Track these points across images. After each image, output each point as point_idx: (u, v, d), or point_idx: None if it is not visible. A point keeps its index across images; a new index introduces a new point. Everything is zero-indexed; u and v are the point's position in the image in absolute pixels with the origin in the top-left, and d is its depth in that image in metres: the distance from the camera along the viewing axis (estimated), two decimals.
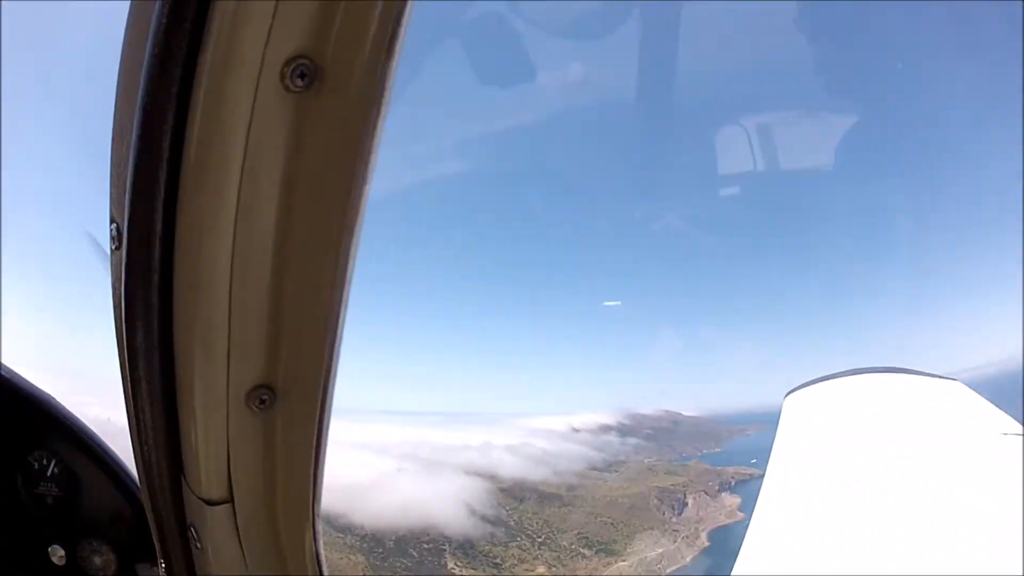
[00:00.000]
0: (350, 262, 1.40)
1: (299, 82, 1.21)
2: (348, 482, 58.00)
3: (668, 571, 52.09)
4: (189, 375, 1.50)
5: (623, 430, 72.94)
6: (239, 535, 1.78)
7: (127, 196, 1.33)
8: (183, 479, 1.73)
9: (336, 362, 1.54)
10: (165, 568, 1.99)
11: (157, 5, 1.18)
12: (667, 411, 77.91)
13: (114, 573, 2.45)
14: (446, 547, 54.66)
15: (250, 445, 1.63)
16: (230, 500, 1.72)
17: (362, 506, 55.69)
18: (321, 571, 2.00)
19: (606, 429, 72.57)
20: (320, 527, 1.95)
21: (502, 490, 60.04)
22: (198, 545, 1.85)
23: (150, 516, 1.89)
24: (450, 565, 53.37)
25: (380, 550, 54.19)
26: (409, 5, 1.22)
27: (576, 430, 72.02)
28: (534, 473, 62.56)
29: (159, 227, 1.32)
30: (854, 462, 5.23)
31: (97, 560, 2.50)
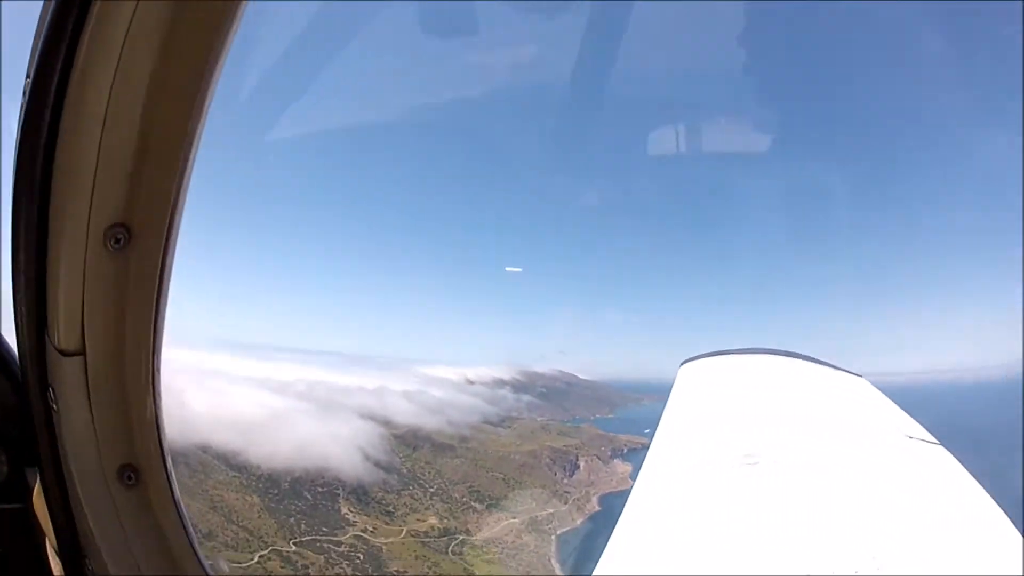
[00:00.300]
0: (203, 118, 1.68)
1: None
2: (245, 419, 57.17)
3: (559, 532, 53.49)
4: (60, 216, 1.71)
5: (518, 386, 74.36)
6: (88, 390, 1.92)
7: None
8: (46, 335, 1.87)
9: (182, 206, 1.78)
10: (36, 438, 2.08)
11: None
12: (562, 372, 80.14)
13: (6, 474, 2.37)
14: (340, 491, 54.87)
15: (104, 290, 1.79)
16: (83, 352, 1.86)
17: (258, 445, 55.06)
18: (160, 441, 2.11)
19: (501, 384, 73.95)
20: (160, 387, 2.03)
21: (396, 437, 60.61)
22: (55, 406, 1.96)
23: (24, 385, 2.03)
24: (344, 510, 53.65)
25: (275, 491, 53.69)
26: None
27: (471, 382, 73.24)
28: (429, 422, 63.38)
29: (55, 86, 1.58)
30: (735, 438, 5.21)
31: None
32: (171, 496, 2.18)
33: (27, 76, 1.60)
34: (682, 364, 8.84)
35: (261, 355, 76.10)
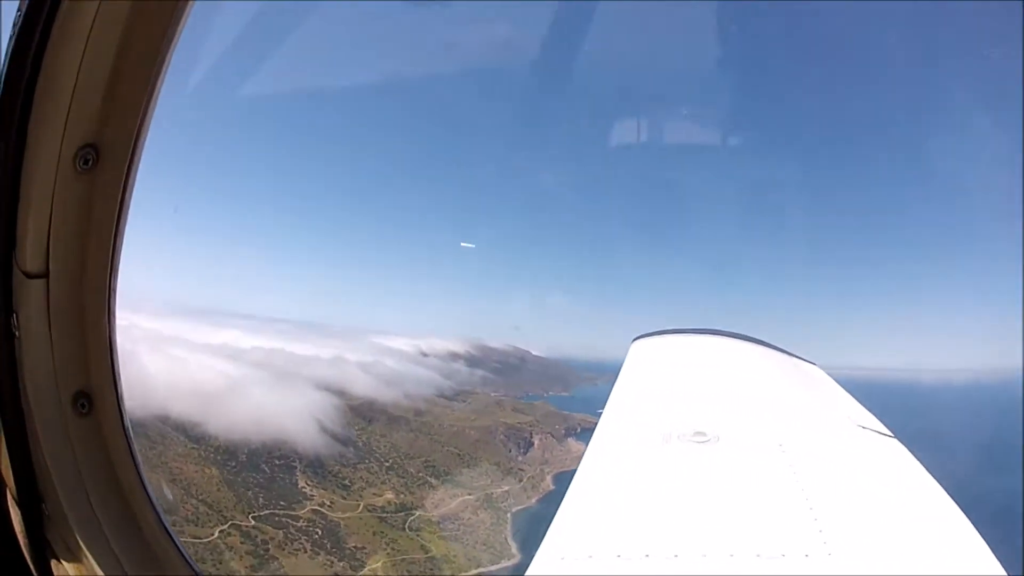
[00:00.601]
0: (172, 48, 1.84)
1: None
2: (202, 389, 56.31)
3: (513, 510, 54.06)
4: (36, 138, 1.80)
5: (472, 360, 74.19)
6: (49, 314, 2.01)
7: None
8: (14, 257, 1.93)
9: (147, 130, 1.92)
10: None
11: None
12: (516, 347, 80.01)
13: None
14: (297, 464, 54.78)
15: (70, 211, 1.89)
16: (46, 274, 1.95)
17: (216, 415, 54.46)
18: (114, 368, 2.18)
19: (455, 357, 73.69)
20: (116, 313, 2.11)
21: (352, 408, 60.40)
22: (16, 332, 2.01)
23: None
24: (301, 484, 53.64)
25: (233, 463, 53.37)
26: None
27: (425, 354, 72.71)
28: (384, 394, 63.19)
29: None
30: (685, 416, 5.17)
31: None
32: (122, 425, 2.26)
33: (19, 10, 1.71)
34: (634, 340, 8.61)
35: (213, 321, 75.11)
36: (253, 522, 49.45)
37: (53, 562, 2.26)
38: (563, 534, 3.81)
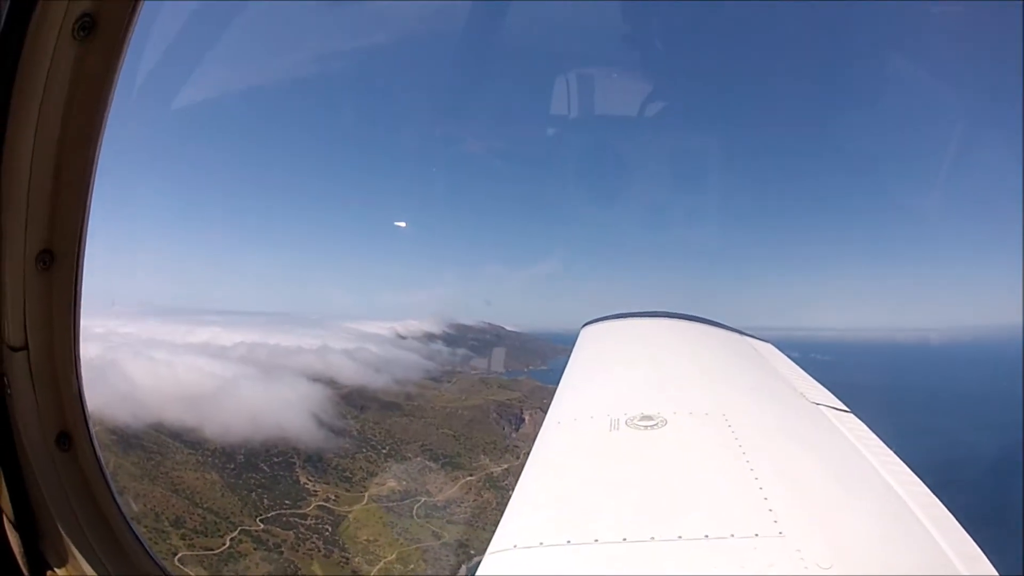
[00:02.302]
0: (97, 157, 2.12)
1: (82, 33, 1.92)
2: (191, 391, 52.42)
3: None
4: (2, 241, 2.07)
5: (449, 339, 72.26)
6: (32, 379, 2.32)
7: None
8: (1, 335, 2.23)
9: (86, 237, 2.22)
10: None
11: None
12: (490, 323, 78.36)
13: None
14: (295, 460, 52.06)
15: (39, 300, 2.23)
16: (26, 347, 2.27)
17: (209, 417, 51.22)
18: (85, 414, 2.51)
19: (432, 338, 71.56)
20: (82, 370, 2.45)
21: (343, 397, 57.72)
22: (8, 391, 2.29)
23: None
24: (302, 480, 51.05)
25: (232, 466, 50.34)
26: None
27: (402, 336, 70.35)
28: (373, 380, 60.73)
29: None
30: (634, 400, 5.11)
31: None
32: (95, 456, 2.55)
33: None
34: (583, 326, 8.52)
35: (188, 319, 70.71)
36: (262, 525, 47.15)
37: (48, 572, 2.52)
38: (515, 523, 3.73)
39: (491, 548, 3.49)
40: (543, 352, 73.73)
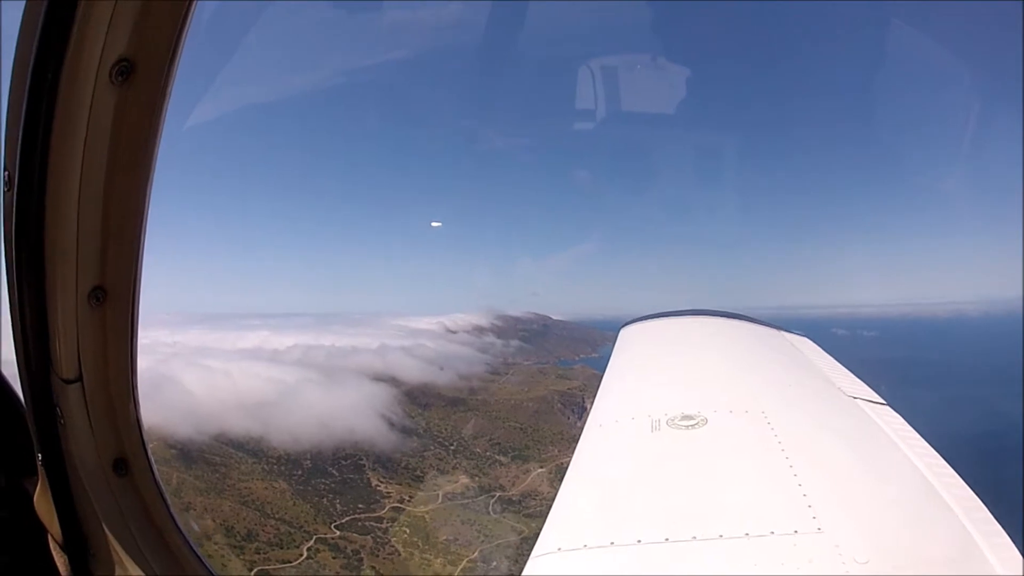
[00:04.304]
0: (149, 195, 1.91)
1: (120, 78, 1.72)
2: (252, 398, 47.47)
3: None
4: (54, 281, 1.92)
5: (499, 332, 67.80)
6: (87, 409, 2.16)
7: (18, 154, 1.76)
8: (51, 367, 2.07)
9: (141, 272, 2.03)
10: (40, 450, 2.20)
11: (40, 21, 1.62)
12: (537, 314, 74.09)
13: (1, 487, 2.50)
14: (365, 462, 46.95)
15: (92, 334, 2.05)
16: (80, 379, 2.11)
17: (270, 423, 46.34)
18: (143, 440, 2.31)
19: (482, 331, 67.12)
20: (139, 399, 2.24)
21: (406, 395, 52.54)
22: (62, 422, 2.15)
23: (28, 407, 2.17)
24: (374, 482, 46.03)
25: (299, 472, 45.54)
26: (192, 11, 1.73)
27: (452, 331, 65.73)
28: (434, 377, 55.64)
29: (37, 175, 1.76)
30: (675, 400, 4.82)
31: None
32: (154, 480, 2.40)
33: (4, 169, 1.82)
34: (622, 327, 8.02)
35: (232, 325, 66.08)
36: (338, 532, 42.85)
37: None
38: (558, 526, 3.51)
39: (535, 552, 3.31)
40: (592, 339, 69.60)
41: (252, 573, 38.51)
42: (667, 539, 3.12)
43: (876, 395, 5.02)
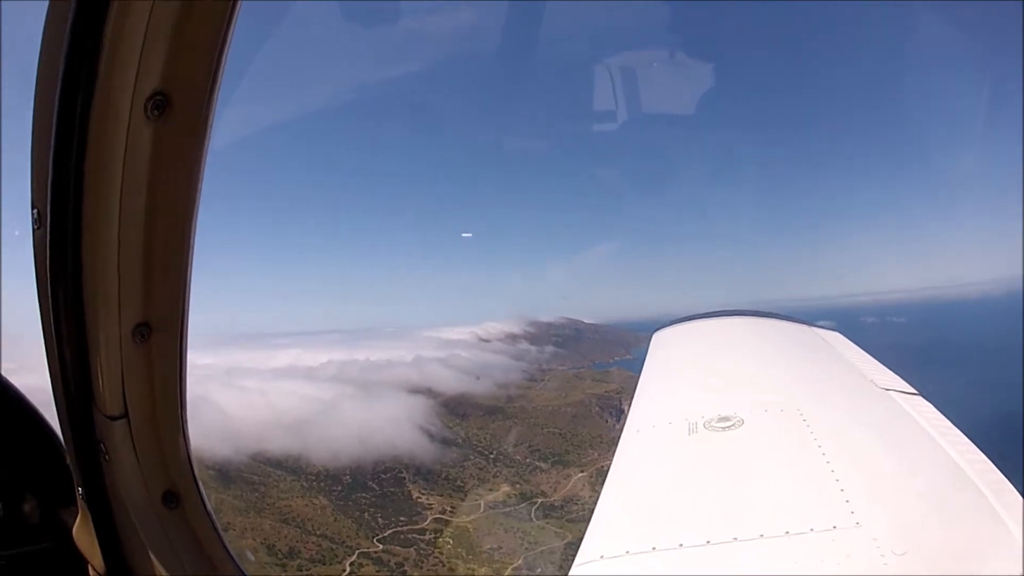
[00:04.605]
0: (193, 229, 1.82)
1: (156, 112, 1.63)
2: (287, 415, 47.22)
3: None
4: (94, 318, 1.86)
5: (532, 339, 66.93)
6: (134, 444, 2.10)
7: (48, 190, 1.68)
8: (93, 404, 2.03)
9: (189, 306, 1.96)
10: (82, 484, 2.18)
11: (65, 43, 1.52)
12: (568, 318, 73.30)
13: (39, 519, 2.54)
14: (404, 474, 46.31)
15: (138, 370, 1.99)
16: (126, 415, 2.05)
17: (308, 440, 45.92)
18: (193, 472, 2.26)
19: (515, 338, 66.35)
20: (189, 433, 2.18)
21: (443, 406, 51.89)
22: (107, 457, 2.11)
23: (69, 442, 2.14)
24: (415, 494, 45.29)
25: (338, 488, 45.03)
26: (229, 41, 1.62)
27: (484, 340, 65.08)
28: (470, 387, 54.96)
29: (71, 213, 1.70)
30: (710, 402, 4.66)
31: (26, 508, 2.58)
32: (205, 511, 2.39)
33: (33, 207, 1.76)
34: (655, 332, 7.87)
35: (261, 344, 66.80)
36: (380, 546, 41.95)
37: None
38: (600, 533, 3.55)
39: (577, 560, 3.33)
40: (625, 341, 68.00)
41: None
42: (708, 541, 3.13)
43: (908, 386, 4.97)
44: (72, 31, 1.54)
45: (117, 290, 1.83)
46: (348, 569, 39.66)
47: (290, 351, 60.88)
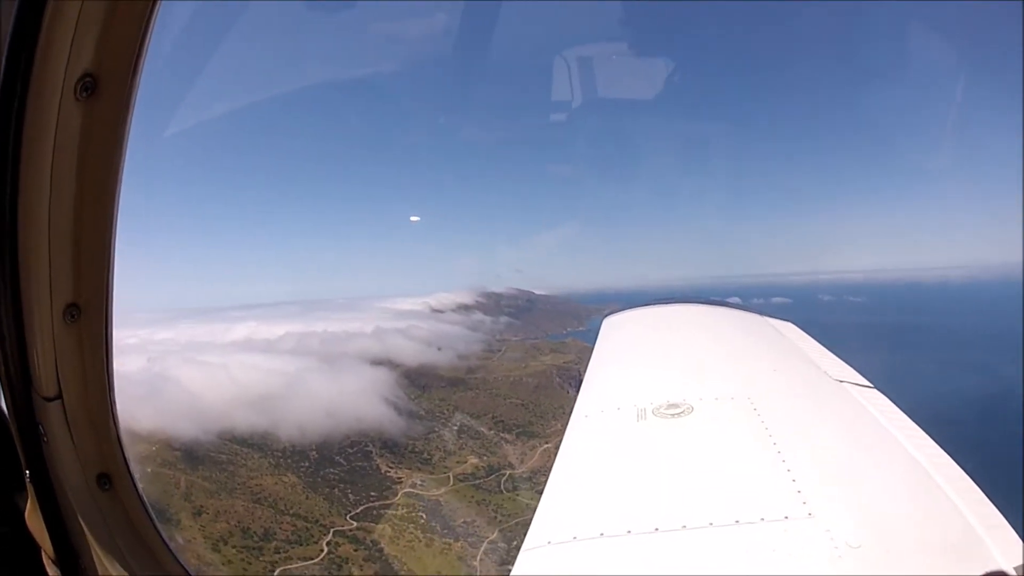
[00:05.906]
0: (116, 210, 1.84)
1: (85, 94, 1.67)
2: (250, 391, 43.57)
3: None
4: (28, 299, 1.86)
5: (485, 309, 64.47)
6: (69, 426, 2.12)
7: None
8: (31, 385, 2.03)
9: (113, 286, 1.97)
10: (28, 467, 2.14)
11: (7, 40, 1.57)
12: (519, 289, 71.18)
13: None
14: (371, 448, 43.95)
15: (69, 351, 2.01)
16: (60, 397, 2.07)
17: (273, 416, 42.68)
18: (124, 454, 2.27)
19: (468, 309, 63.77)
20: (118, 412, 2.20)
21: (404, 377, 49.23)
22: (45, 440, 2.11)
23: (12, 424, 2.10)
24: (383, 468, 43.10)
25: (306, 464, 42.18)
26: (152, 24, 1.67)
27: (437, 310, 62.24)
28: (431, 358, 52.29)
29: (8, 193, 1.69)
30: (660, 389, 4.71)
31: None
32: (136, 493, 2.39)
33: None
34: (604, 317, 7.76)
35: (216, 317, 61.37)
36: (355, 523, 39.88)
37: None
38: (548, 518, 3.41)
39: (525, 546, 3.20)
40: (577, 313, 67.88)
41: (275, 574, 35.35)
42: (657, 529, 3.03)
43: (862, 378, 4.87)
44: (17, 15, 1.57)
45: (48, 271, 1.83)
46: (325, 550, 37.22)
47: (246, 323, 56.40)
